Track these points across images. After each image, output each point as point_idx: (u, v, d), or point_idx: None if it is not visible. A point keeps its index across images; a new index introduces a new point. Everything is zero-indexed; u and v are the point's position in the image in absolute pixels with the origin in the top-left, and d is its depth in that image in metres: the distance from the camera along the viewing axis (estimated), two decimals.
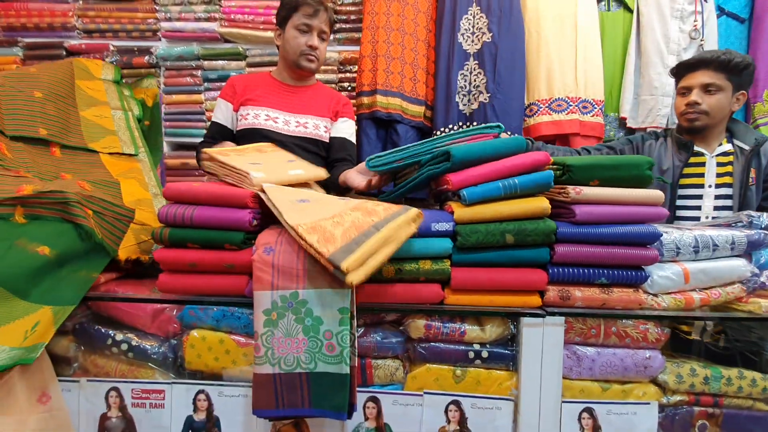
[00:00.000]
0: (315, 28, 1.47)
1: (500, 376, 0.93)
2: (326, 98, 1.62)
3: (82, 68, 1.55)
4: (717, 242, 0.97)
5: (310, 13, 1.45)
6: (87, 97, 1.46)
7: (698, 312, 0.96)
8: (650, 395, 0.93)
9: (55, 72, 1.44)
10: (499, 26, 1.94)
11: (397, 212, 0.86)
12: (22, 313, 0.84)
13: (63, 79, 1.43)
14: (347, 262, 0.74)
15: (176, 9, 2.17)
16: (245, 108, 1.51)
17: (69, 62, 1.53)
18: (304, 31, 1.46)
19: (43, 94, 1.33)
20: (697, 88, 1.47)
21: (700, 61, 1.48)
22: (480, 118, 1.94)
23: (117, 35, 2.22)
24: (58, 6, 2.19)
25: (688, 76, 1.50)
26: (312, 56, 1.49)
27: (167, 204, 0.93)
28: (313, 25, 1.46)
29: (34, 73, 1.38)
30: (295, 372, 0.82)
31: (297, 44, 1.47)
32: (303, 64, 1.49)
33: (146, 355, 0.97)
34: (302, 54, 1.47)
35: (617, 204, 0.94)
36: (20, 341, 0.81)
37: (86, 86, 1.49)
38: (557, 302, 0.93)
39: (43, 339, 0.84)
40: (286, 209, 0.86)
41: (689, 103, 1.47)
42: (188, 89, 2.17)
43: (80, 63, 1.57)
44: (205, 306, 0.95)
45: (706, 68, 1.46)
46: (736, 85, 1.46)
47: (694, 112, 1.47)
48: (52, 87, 1.37)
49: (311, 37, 1.47)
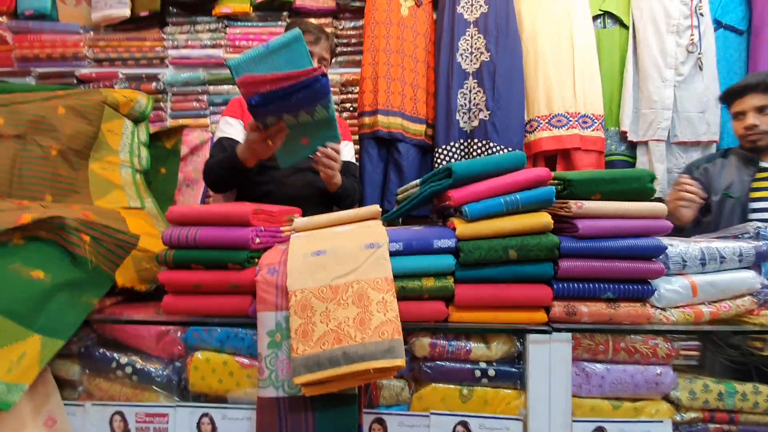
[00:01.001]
0: (316, 55, 1.52)
1: (508, 395, 0.92)
2: None
3: (113, 105, 1.46)
4: (724, 254, 0.96)
5: (311, 40, 1.50)
6: (103, 144, 1.40)
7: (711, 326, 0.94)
8: (663, 413, 0.90)
9: (82, 119, 1.37)
10: (497, 45, 1.98)
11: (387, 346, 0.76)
12: (12, 338, 0.81)
13: (87, 131, 1.37)
14: (302, 378, 0.76)
15: (183, 37, 2.24)
16: None
17: (101, 102, 1.43)
18: None
19: (60, 150, 1.30)
20: (751, 111, 1.53)
21: (746, 86, 1.55)
22: (481, 134, 1.96)
23: (126, 63, 2.30)
24: (69, 37, 2.28)
25: (739, 102, 1.57)
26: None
27: (171, 226, 0.94)
28: (313, 51, 1.51)
29: (62, 115, 1.33)
30: (299, 395, 0.81)
31: None
32: None
33: (150, 378, 0.96)
34: None
35: (620, 218, 0.93)
36: (4, 373, 0.79)
37: (107, 128, 1.43)
38: (563, 318, 0.91)
39: (25, 380, 0.81)
40: (294, 267, 0.85)
41: (747, 126, 1.54)
42: (194, 113, 2.22)
43: (113, 99, 1.46)
44: (209, 327, 0.95)
45: (754, 92, 1.53)
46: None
47: (754, 134, 1.53)
48: (72, 140, 1.32)
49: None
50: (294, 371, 0.76)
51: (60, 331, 0.88)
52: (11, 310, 0.83)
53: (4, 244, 0.92)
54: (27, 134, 1.27)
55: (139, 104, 1.51)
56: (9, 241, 0.92)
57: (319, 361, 0.76)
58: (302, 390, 0.77)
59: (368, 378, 0.78)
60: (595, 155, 2.04)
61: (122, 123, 1.46)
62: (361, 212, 1.02)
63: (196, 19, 2.24)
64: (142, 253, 1.08)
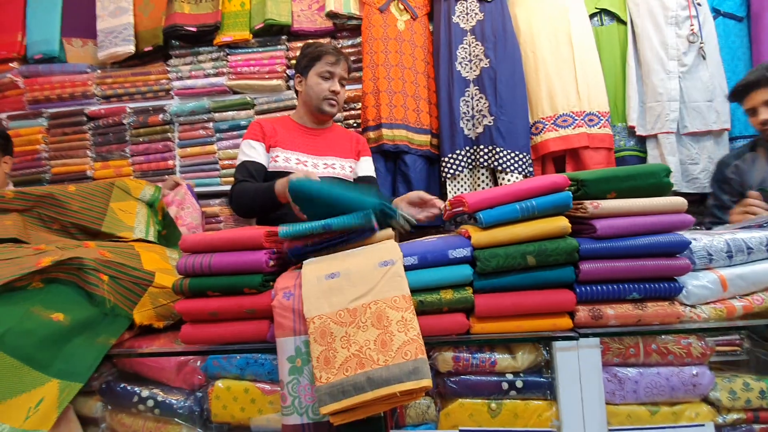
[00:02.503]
0: (336, 75, 1.57)
1: (539, 406, 0.88)
2: (347, 139, 1.70)
3: (123, 189, 1.45)
4: (751, 245, 0.92)
5: (332, 61, 1.56)
6: (116, 220, 1.36)
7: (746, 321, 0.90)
8: (703, 416, 0.86)
9: (90, 197, 1.35)
10: (495, 51, 1.98)
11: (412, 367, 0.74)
12: (29, 385, 0.81)
13: (93, 207, 1.33)
14: (328, 408, 0.74)
15: (186, 68, 2.29)
16: (274, 150, 1.56)
17: (111, 184, 1.43)
18: (326, 77, 1.56)
19: (63, 225, 1.27)
20: (762, 107, 1.53)
21: (748, 84, 1.56)
22: (486, 140, 1.95)
23: (133, 98, 2.35)
24: (78, 77, 2.34)
25: (747, 99, 1.58)
26: (334, 101, 1.58)
27: (185, 255, 0.94)
28: (335, 72, 1.56)
29: (71, 192, 1.31)
30: (325, 420, 0.79)
31: (321, 90, 1.56)
32: (326, 108, 1.58)
33: (172, 410, 0.95)
34: (325, 99, 1.57)
35: (638, 215, 0.91)
36: (21, 421, 0.78)
37: (119, 208, 1.40)
38: (589, 322, 0.88)
39: (44, 426, 0.80)
40: (309, 292, 0.84)
41: (761, 122, 1.54)
42: (201, 141, 2.25)
43: (122, 184, 1.47)
44: (229, 355, 0.94)
45: (758, 88, 1.54)
46: None
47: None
48: (77, 215, 1.28)
49: (333, 83, 1.57)
50: (319, 401, 0.74)
51: (78, 374, 0.88)
52: (30, 357, 0.84)
53: (24, 288, 0.92)
54: (33, 208, 1.27)
55: (145, 192, 1.50)
56: (29, 285, 0.93)
57: (344, 388, 0.74)
58: (330, 419, 0.75)
59: (395, 402, 0.76)
60: (605, 152, 2.01)
61: (135, 205, 1.44)
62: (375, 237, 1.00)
63: (199, 50, 2.28)
64: (158, 290, 1.08)
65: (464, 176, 2.00)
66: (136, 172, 2.28)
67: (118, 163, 2.29)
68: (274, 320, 0.85)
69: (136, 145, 2.29)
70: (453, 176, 1.98)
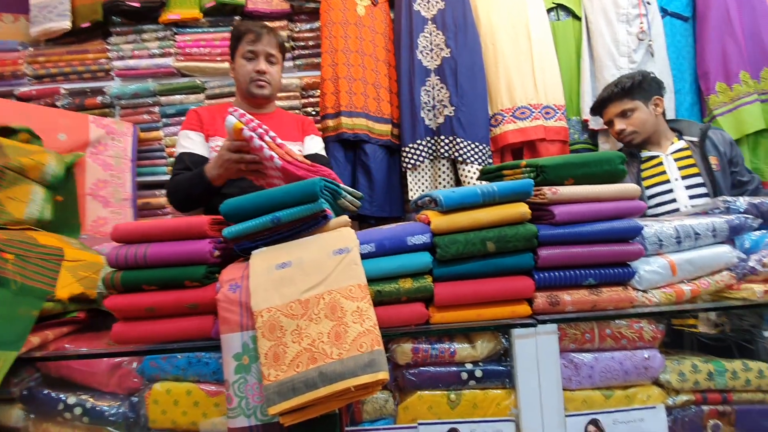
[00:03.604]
0: (261, 53, 1.46)
1: (498, 395, 0.87)
2: (291, 122, 1.60)
3: (17, 171, 1.17)
4: (698, 231, 0.95)
5: (252, 39, 1.45)
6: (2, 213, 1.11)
7: (695, 304, 0.93)
8: (655, 398, 0.88)
9: None
10: (456, 41, 1.97)
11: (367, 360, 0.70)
12: None
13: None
14: (276, 408, 0.68)
15: (129, 47, 2.12)
16: (214, 140, 1.45)
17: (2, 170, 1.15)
18: (250, 58, 1.46)
19: None
20: (616, 119, 1.67)
21: (603, 100, 1.70)
22: (447, 131, 1.94)
23: (68, 78, 2.16)
24: (8, 55, 2.14)
25: (605, 113, 1.72)
26: (261, 81, 1.46)
27: (116, 246, 0.84)
28: (257, 50, 1.45)
29: None
30: (275, 421, 0.73)
31: (245, 72, 1.46)
32: (254, 91, 1.47)
33: (103, 417, 0.86)
34: (252, 81, 1.46)
35: (594, 201, 0.91)
36: None
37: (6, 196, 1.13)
38: (547, 309, 0.88)
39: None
40: (257, 284, 0.77)
41: (617, 132, 1.68)
42: (146, 126, 2.10)
43: (17, 165, 1.17)
44: (168, 354, 0.86)
45: (611, 103, 1.68)
46: (644, 99, 1.64)
47: (625, 137, 1.66)
48: None
49: (258, 62, 1.46)
50: (267, 400, 0.68)
51: (9, 343, 0.81)
52: None
53: None
54: None
55: (49, 168, 1.23)
56: None
57: (294, 385, 0.68)
58: (279, 419, 0.69)
59: (350, 397, 0.71)
60: (560, 145, 2.05)
61: (30, 189, 1.19)
62: (330, 224, 0.94)
63: (142, 28, 2.12)
64: (74, 263, 0.98)
65: (425, 167, 1.98)
66: None
67: None
68: (219, 315, 0.77)
69: None
70: (414, 167, 1.95)
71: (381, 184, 1.92)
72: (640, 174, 1.65)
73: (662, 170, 1.62)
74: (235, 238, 0.84)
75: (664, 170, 1.61)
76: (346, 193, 0.94)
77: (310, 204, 0.84)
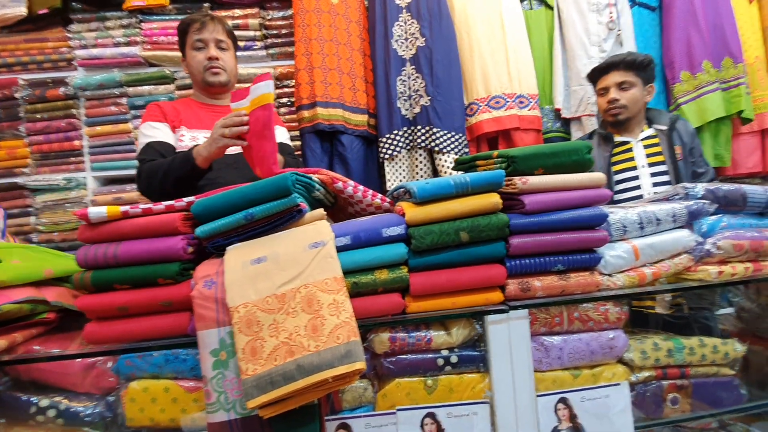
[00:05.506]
0: (210, 40, 1.43)
1: (472, 379, 0.90)
2: None
3: None
4: (659, 216, 1.00)
5: (198, 27, 1.43)
6: None
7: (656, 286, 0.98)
8: (619, 375, 0.93)
9: None
10: (431, 30, 1.96)
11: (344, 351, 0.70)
12: None
13: None
14: (255, 401, 0.68)
15: (91, 35, 2.03)
16: (179, 131, 1.41)
17: None
18: (200, 47, 1.44)
19: None
20: (614, 87, 1.66)
21: (610, 64, 1.68)
22: (423, 121, 1.95)
23: (27, 68, 2.05)
24: None
25: (603, 79, 1.70)
26: (215, 68, 1.44)
27: (84, 246, 0.82)
28: (205, 38, 1.43)
29: None
30: (254, 415, 0.74)
31: (197, 62, 1.43)
32: (210, 79, 1.44)
33: (78, 418, 0.85)
34: (206, 69, 1.43)
35: (563, 190, 0.94)
36: None
37: None
38: (519, 295, 0.91)
39: None
40: (232, 280, 0.77)
41: (610, 100, 1.66)
42: (113, 119, 2.03)
43: None
44: (144, 352, 0.85)
45: (617, 69, 1.66)
46: (644, 80, 1.66)
47: (616, 108, 1.66)
48: None
49: (208, 50, 1.44)
50: (246, 394, 0.69)
51: None
52: None
53: None
54: None
55: None
56: None
57: (272, 378, 0.69)
58: (259, 412, 0.70)
59: (328, 388, 0.72)
60: (534, 134, 2.09)
61: None
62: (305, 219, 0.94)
63: (105, 15, 2.03)
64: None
65: (402, 157, 1.99)
66: (34, 154, 2.00)
67: (12, 144, 2.00)
68: (195, 312, 0.77)
69: (33, 123, 2.01)
70: (391, 157, 1.96)
71: (358, 175, 1.92)
72: (611, 159, 1.69)
73: (631, 156, 1.67)
74: (208, 236, 0.84)
75: (633, 156, 1.67)
76: (320, 186, 0.94)
77: (283, 199, 0.83)
